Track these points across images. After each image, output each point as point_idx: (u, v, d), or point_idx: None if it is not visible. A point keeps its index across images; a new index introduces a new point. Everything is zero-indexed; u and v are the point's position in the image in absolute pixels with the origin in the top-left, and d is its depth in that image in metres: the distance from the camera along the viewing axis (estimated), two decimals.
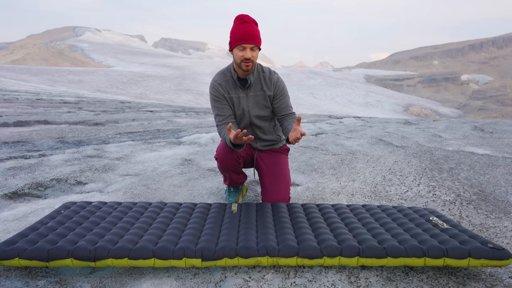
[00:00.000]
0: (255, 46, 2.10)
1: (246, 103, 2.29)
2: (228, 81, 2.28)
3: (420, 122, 8.37)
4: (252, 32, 2.08)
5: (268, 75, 2.30)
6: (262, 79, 2.28)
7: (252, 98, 2.28)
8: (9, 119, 5.98)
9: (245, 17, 2.13)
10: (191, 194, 2.79)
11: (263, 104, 2.30)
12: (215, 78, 2.32)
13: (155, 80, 44.67)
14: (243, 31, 2.07)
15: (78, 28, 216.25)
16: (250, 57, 2.08)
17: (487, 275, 1.69)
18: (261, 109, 2.31)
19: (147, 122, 6.99)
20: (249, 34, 2.07)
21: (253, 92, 2.28)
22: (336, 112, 36.84)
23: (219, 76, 2.31)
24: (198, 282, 1.61)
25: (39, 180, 2.94)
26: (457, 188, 2.98)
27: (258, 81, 2.28)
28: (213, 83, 2.30)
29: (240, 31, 2.07)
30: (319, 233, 1.85)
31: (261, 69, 2.31)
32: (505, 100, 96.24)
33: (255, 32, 2.09)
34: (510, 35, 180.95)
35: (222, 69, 2.34)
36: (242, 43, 2.07)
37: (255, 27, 2.11)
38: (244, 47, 2.08)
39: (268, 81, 2.29)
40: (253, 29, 2.09)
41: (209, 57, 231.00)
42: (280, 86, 2.30)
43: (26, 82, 23.05)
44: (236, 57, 2.12)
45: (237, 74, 2.24)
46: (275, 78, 2.30)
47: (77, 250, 1.62)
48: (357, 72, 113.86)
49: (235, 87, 2.27)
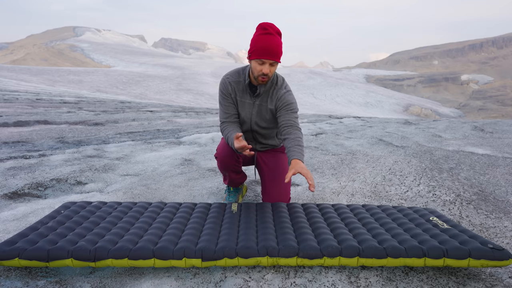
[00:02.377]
0: (275, 62, 2.02)
1: (250, 110, 2.25)
2: (239, 83, 2.23)
3: (420, 122, 8.37)
4: (275, 47, 1.98)
5: (278, 89, 2.21)
6: (271, 91, 2.21)
7: (257, 107, 2.24)
8: (9, 119, 5.98)
9: (269, 28, 2.00)
10: (191, 194, 2.79)
11: (265, 115, 2.26)
12: (228, 75, 2.26)
13: (155, 80, 44.67)
14: (266, 45, 1.96)
15: (78, 28, 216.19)
16: (268, 73, 2.02)
17: (487, 275, 1.69)
18: (263, 119, 2.28)
19: (147, 122, 6.99)
20: (272, 50, 1.97)
21: (259, 101, 2.23)
22: (336, 112, 36.85)
23: (233, 75, 2.25)
24: (198, 282, 1.61)
25: (39, 180, 2.94)
26: (457, 188, 2.98)
27: (267, 93, 2.22)
28: (225, 79, 2.25)
29: (263, 44, 1.97)
30: (319, 233, 1.85)
31: (276, 81, 2.22)
32: (505, 100, 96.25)
33: (277, 47, 1.99)
34: (510, 35, 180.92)
35: (238, 68, 2.27)
36: (262, 58, 1.98)
37: (278, 40, 2.01)
38: (263, 62, 2.00)
39: (275, 95, 2.21)
40: (276, 43, 1.98)
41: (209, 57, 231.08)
42: (283, 99, 2.17)
43: (26, 82, 23.05)
44: (254, 70, 2.05)
45: (250, 80, 2.19)
46: (282, 93, 2.19)
47: (77, 250, 1.62)
48: (357, 72, 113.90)
49: (244, 92, 2.23)
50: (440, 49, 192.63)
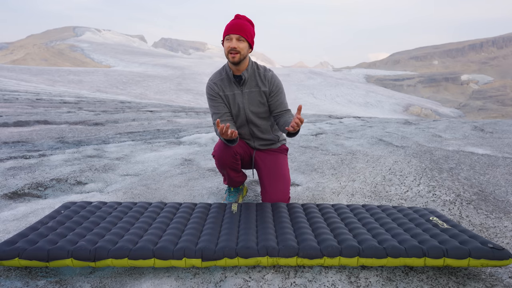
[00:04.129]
0: (241, 37, 2.12)
1: (242, 99, 2.30)
2: (223, 79, 2.30)
3: (420, 122, 8.37)
4: (240, 25, 2.13)
5: (263, 72, 2.32)
6: (257, 75, 2.30)
7: (247, 95, 2.30)
8: (9, 119, 5.98)
9: (240, 16, 2.20)
10: (191, 194, 2.79)
11: (259, 100, 2.31)
12: (211, 78, 2.36)
13: (155, 80, 44.68)
14: (232, 24, 2.14)
15: (78, 28, 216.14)
16: (235, 47, 2.11)
17: (487, 275, 1.69)
18: (257, 105, 2.32)
19: (147, 122, 6.99)
20: (237, 26, 2.12)
21: (248, 88, 2.29)
22: (336, 112, 36.84)
23: (215, 76, 2.35)
24: (198, 282, 1.61)
25: (39, 180, 2.94)
26: (457, 188, 2.98)
27: (253, 78, 2.30)
28: (209, 82, 2.34)
29: (229, 25, 2.15)
30: (319, 233, 1.85)
31: (256, 66, 2.33)
32: (505, 100, 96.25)
33: (243, 25, 2.14)
34: (510, 35, 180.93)
35: (219, 69, 2.37)
36: (229, 33, 2.12)
37: (245, 23, 2.16)
38: (230, 38, 2.12)
39: (263, 77, 2.30)
40: (242, 23, 2.15)
41: (209, 57, 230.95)
42: (275, 82, 2.32)
43: (26, 82, 23.05)
44: (225, 50, 2.17)
45: (232, 71, 2.25)
46: (270, 75, 2.32)
47: (77, 250, 1.62)
48: (357, 72, 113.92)
49: (230, 84, 2.29)
50: (440, 49, 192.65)
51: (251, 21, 2.20)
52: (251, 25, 2.19)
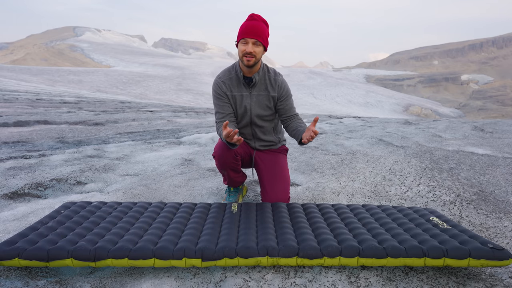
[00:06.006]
0: (258, 42, 2.10)
1: (249, 101, 2.29)
2: (232, 78, 2.28)
3: (420, 122, 8.37)
4: (256, 28, 2.09)
5: (274, 76, 2.31)
6: (267, 79, 2.29)
7: (255, 97, 2.29)
8: (9, 119, 5.98)
9: (255, 16, 2.15)
10: (191, 194, 2.79)
11: (266, 104, 2.30)
12: (219, 75, 2.33)
13: (155, 80, 44.67)
14: (248, 27, 2.10)
15: (78, 28, 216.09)
16: (251, 51, 2.08)
17: (487, 275, 1.69)
18: (263, 109, 2.31)
19: (147, 122, 6.99)
20: (253, 29, 2.08)
21: (257, 91, 2.28)
22: (336, 112, 36.84)
23: (224, 74, 2.32)
24: (198, 282, 1.61)
25: (39, 180, 2.94)
26: (457, 188, 2.98)
27: (263, 81, 2.29)
28: (217, 80, 2.31)
29: (245, 27, 2.10)
30: (319, 233, 1.85)
31: (267, 69, 2.32)
32: (505, 100, 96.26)
33: (259, 28, 2.10)
34: (510, 35, 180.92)
35: (228, 67, 2.34)
36: (245, 37, 2.08)
37: (262, 25, 2.12)
38: (246, 41, 2.09)
39: (273, 82, 2.29)
40: (258, 25, 2.10)
41: (209, 57, 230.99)
42: (285, 88, 2.32)
43: (26, 82, 23.05)
44: (239, 52, 2.14)
45: (243, 72, 2.24)
46: (280, 80, 2.32)
47: (77, 250, 1.62)
48: (357, 72, 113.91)
49: (239, 85, 2.27)
50: (440, 49, 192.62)
51: (266, 22, 2.18)
52: (266, 26, 2.17)
